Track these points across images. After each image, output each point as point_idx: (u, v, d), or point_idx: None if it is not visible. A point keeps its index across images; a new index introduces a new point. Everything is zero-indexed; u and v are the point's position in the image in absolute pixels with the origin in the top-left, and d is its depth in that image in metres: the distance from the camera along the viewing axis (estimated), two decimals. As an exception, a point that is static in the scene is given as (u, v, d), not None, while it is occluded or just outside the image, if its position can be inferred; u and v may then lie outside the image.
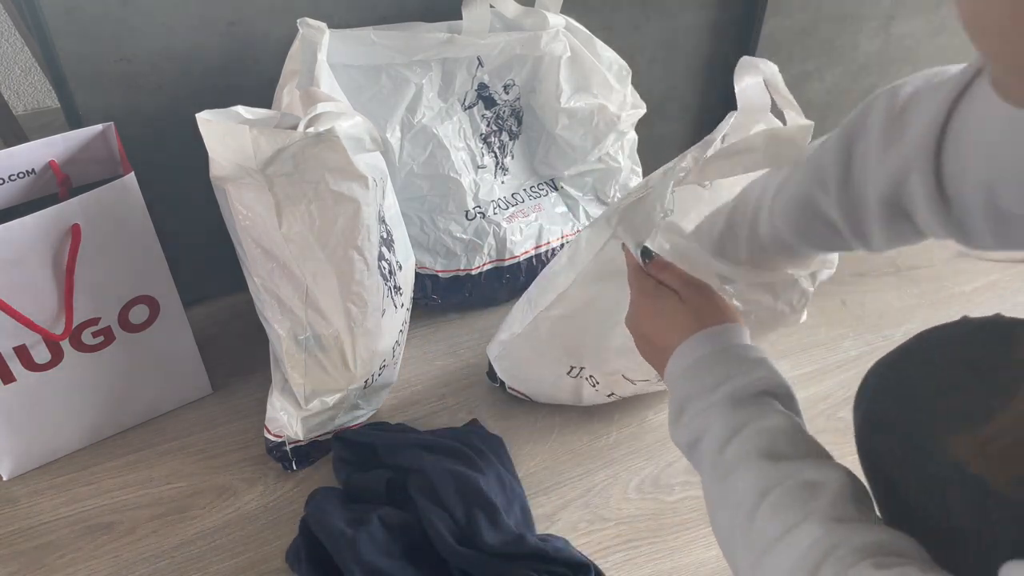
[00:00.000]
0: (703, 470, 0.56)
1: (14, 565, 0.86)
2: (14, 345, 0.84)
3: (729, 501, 0.52)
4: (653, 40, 1.19)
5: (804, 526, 0.47)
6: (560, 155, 1.14)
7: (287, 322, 0.86)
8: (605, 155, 1.14)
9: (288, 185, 0.75)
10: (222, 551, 0.88)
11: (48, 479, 0.94)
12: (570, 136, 1.10)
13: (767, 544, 0.48)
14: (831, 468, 0.51)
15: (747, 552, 0.50)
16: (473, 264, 1.11)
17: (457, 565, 0.81)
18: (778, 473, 0.50)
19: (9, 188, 0.86)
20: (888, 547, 0.45)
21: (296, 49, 0.90)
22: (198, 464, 0.96)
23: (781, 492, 0.49)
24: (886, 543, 0.46)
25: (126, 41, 0.90)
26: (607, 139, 1.12)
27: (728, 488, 0.53)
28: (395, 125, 1.02)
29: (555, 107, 1.07)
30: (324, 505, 0.87)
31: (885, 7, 1.31)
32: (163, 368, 0.97)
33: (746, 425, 0.54)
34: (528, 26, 1.03)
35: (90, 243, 0.83)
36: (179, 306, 0.94)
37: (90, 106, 0.92)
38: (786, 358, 1.12)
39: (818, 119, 1.46)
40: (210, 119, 0.72)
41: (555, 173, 1.16)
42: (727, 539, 0.53)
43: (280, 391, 0.93)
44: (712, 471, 0.55)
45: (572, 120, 1.09)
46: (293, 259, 0.80)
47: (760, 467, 0.51)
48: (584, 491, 0.94)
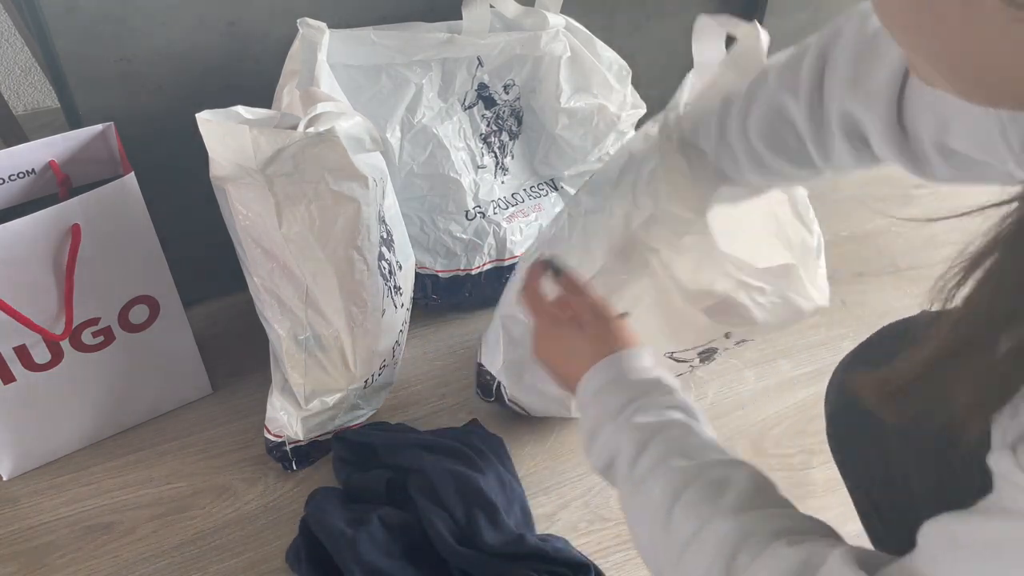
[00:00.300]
0: (620, 489, 0.58)
1: (14, 565, 0.86)
2: (14, 345, 0.84)
3: (646, 512, 0.54)
4: (653, 40, 1.19)
5: (717, 520, 0.49)
6: (560, 155, 1.14)
7: (287, 322, 0.86)
8: (605, 155, 1.14)
9: (288, 185, 0.75)
10: (222, 551, 0.88)
11: (48, 479, 0.94)
12: (570, 136, 1.10)
13: (684, 542, 0.50)
14: (736, 465, 0.53)
15: (667, 555, 0.52)
16: (473, 264, 1.11)
17: (457, 565, 0.81)
18: (686, 475, 0.53)
19: (9, 188, 0.86)
20: (799, 528, 0.48)
21: (296, 49, 0.90)
22: (198, 464, 0.96)
23: (692, 492, 0.52)
24: (796, 526, 0.48)
25: (126, 41, 0.90)
26: (607, 139, 1.12)
27: (643, 499, 0.55)
28: (395, 125, 1.02)
29: (555, 107, 1.07)
30: (324, 505, 0.87)
31: (885, 7, 1.31)
32: (163, 368, 0.97)
33: (652, 438, 0.56)
34: (528, 26, 1.03)
35: (90, 243, 0.83)
36: (179, 306, 0.94)
37: (90, 106, 0.92)
38: (786, 357, 1.13)
39: (818, 119, 1.46)
40: (210, 119, 0.72)
41: (555, 173, 1.16)
42: (649, 550, 0.55)
43: (280, 391, 0.93)
44: (627, 487, 0.57)
45: (572, 120, 1.09)
46: (293, 259, 0.80)
47: (669, 473, 0.54)
48: (584, 491, 0.94)
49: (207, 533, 0.89)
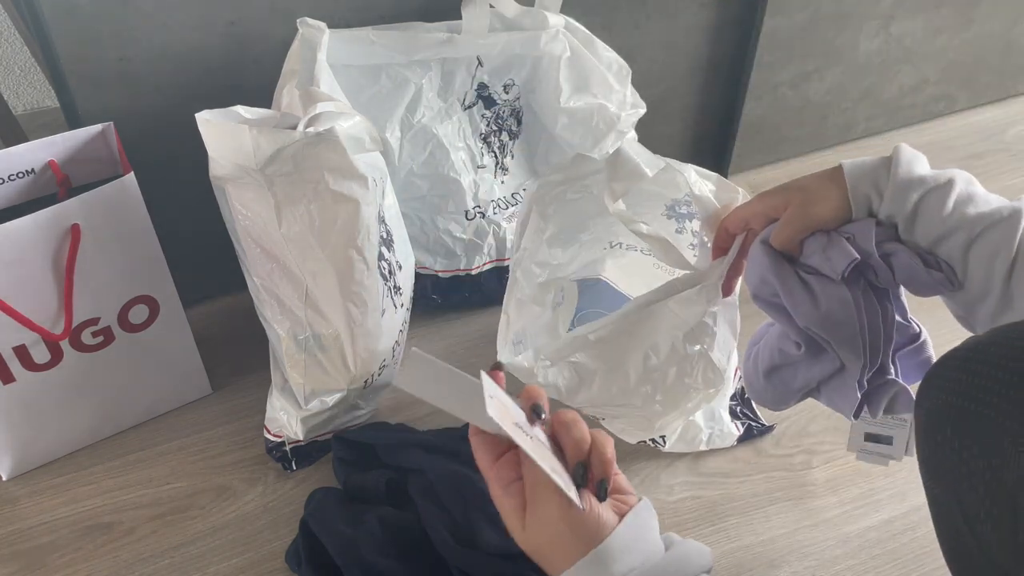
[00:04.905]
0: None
1: (14, 565, 0.86)
2: (14, 345, 0.84)
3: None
4: (653, 40, 1.19)
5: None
6: (560, 155, 1.13)
7: (287, 322, 0.86)
8: (605, 155, 1.14)
9: (288, 185, 0.75)
10: (222, 551, 0.88)
11: (48, 479, 0.94)
12: (570, 136, 1.10)
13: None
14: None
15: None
16: (473, 264, 1.11)
17: (457, 565, 0.81)
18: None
19: (9, 188, 0.86)
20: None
21: (296, 49, 0.90)
22: (198, 464, 0.96)
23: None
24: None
25: (126, 41, 0.90)
26: (607, 139, 1.11)
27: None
28: (395, 125, 1.02)
29: (555, 107, 1.07)
30: (324, 505, 0.87)
31: (885, 7, 1.31)
32: (163, 368, 0.97)
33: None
34: (528, 26, 1.03)
35: (90, 243, 0.83)
36: (179, 306, 0.94)
37: (90, 106, 0.92)
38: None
39: (818, 119, 1.48)
40: (210, 119, 0.72)
41: (555, 173, 1.16)
42: None
43: (280, 391, 0.93)
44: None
45: (572, 120, 1.09)
46: (293, 259, 0.80)
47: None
48: (584, 491, 0.94)
49: (207, 533, 0.89)
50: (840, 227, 0.67)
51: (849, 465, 0.96)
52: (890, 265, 0.65)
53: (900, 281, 0.66)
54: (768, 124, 1.36)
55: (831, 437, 0.99)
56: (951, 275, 0.63)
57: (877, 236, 0.65)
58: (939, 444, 0.51)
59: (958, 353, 0.52)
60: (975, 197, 0.63)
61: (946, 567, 0.54)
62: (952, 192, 0.63)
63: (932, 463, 0.53)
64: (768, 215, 0.70)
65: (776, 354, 0.72)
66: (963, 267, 0.63)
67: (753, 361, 0.76)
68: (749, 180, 1.37)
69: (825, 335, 0.66)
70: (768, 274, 0.68)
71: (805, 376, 0.70)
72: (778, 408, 0.75)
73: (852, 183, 0.66)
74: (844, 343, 0.65)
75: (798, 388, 0.71)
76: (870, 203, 0.66)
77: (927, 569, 0.86)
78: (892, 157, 0.65)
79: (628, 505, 0.58)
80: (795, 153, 1.43)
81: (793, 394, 0.72)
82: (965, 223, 0.62)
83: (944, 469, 0.51)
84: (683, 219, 0.89)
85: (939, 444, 0.51)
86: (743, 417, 0.99)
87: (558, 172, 0.87)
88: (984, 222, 0.62)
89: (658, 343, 0.81)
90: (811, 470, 0.96)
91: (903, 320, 0.69)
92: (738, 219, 0.74)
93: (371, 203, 0.80)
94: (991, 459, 0.47)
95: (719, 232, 0.77)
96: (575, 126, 1.09)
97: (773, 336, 0.73)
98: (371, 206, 0.80)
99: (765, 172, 1.41)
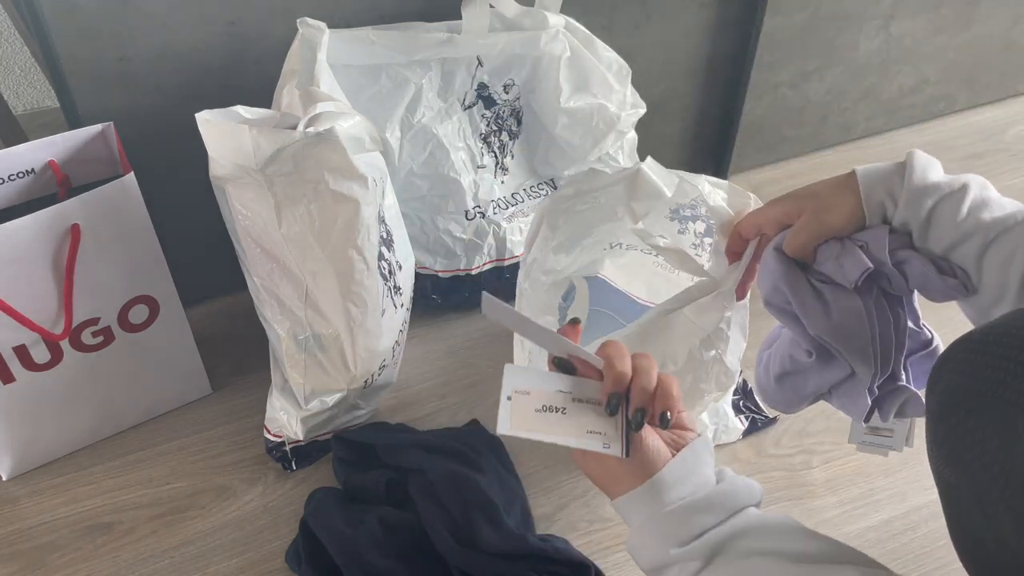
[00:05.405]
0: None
1: (14, 565, 0.86)
2: (14, 345, 0.84)
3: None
4: (653, 40, 1.19)
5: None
6: (560, 155, 1.14)
7: (287, 322, 0.86)
8: (605, 155, 1.14)
9: (288, 185, 0.75)
10: (222, 551, 0.88)
11: (48, 479, 0.94)
12: (570, 136, 1.10)
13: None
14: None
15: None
16: (473, 264, 1.11)
17: (457, 565, 0.81)
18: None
19: (9, 188, 0.86)
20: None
21: (296, 49, 0.90)
22: (198, 464, 0.96)
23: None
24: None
25: (126, 41, 0.90)
26: (607, 139, 1.12)
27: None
28: (395, 125, 1.02)
29: (555, 107, 1.07)
30: (324, 505, 0.87)
31: (885, 7, 1.31)
32: (163, 368, 0.97)
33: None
34: (528, 26, 1.03)
35: (90, 243, 0.83)
36: (179, 306, 0.94)
37: (90, 106, 0.92)
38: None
39: (818, 119, 1.48)
40: (210, 119, 0.72)
41: (555, 173, 1.16)
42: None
43: (280, 391, 0.93)
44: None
45: (572, 120, 1.09)
46: (293, 259, 0.80)
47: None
48: (584, 491, 0.94)
49: (207, 533, 0.89)
50: (854, 234, 0.66)
51: (849, 465, 0.96)
52: (904, 273, 0.64)
53: (914, 288, 0.65)
54: (768, 124, 1.36)
55: (831, 437, 0.99)
56: (966, 280, 0.63)
57: (890, 244, 0.64)
58: (953, 427, 0.51)
59: (972, 336, 0.52)
60: (990, 202, 0.63)
61: (946, 567, 0.54)
62: (967, 198, 0.62)
63: (946, 447, 0.52)
64: (781, 221, 0.70)
65: (787, 361, 0.72)
66: (977, 272, 0.62)
67: (765, 366, 0.76)
68: (749, 180, 1.37)
69: (837, 344, 0.65)
70: (780, 282, 0.68)
71: (816, 382, 0.69)
72: (789, 411, 0.76)
73: (866, 190, 0.65)
74: (855, 353, 0.65)
75: (809, 393, 0.71)
76: (884, 210, 0.66)
77: (927, 569, 0.86)
78: (906, 163, 0.65)
79: (686, 441, 0.61)
80: (795, 153, 1.43)
81: (804, 399, 0.72)
82: (980, 228, 0.62)
83: (957, 452, 0.51)
84: (685, 220, 0.89)
85: (953, 427, 0.51)
86: (747, 411, 0.99)
87: (571, 186, 0.87)
88: (999, 227, 0.61)
89: (676, 350, 0.81)
90: (811, 470, 0.96)
91: (915, 327, 0.69)
92: (751, 224, 0.74)
93: (371, 203, 0.80)
94: (1007, 441, 0.47)
95: (732, 236, 0.77)
96: (575, 126, 1.09)
97: (784, 342, 0.73)
98: (371, 206, 0.80)
99: (765, 172, 1.40)
